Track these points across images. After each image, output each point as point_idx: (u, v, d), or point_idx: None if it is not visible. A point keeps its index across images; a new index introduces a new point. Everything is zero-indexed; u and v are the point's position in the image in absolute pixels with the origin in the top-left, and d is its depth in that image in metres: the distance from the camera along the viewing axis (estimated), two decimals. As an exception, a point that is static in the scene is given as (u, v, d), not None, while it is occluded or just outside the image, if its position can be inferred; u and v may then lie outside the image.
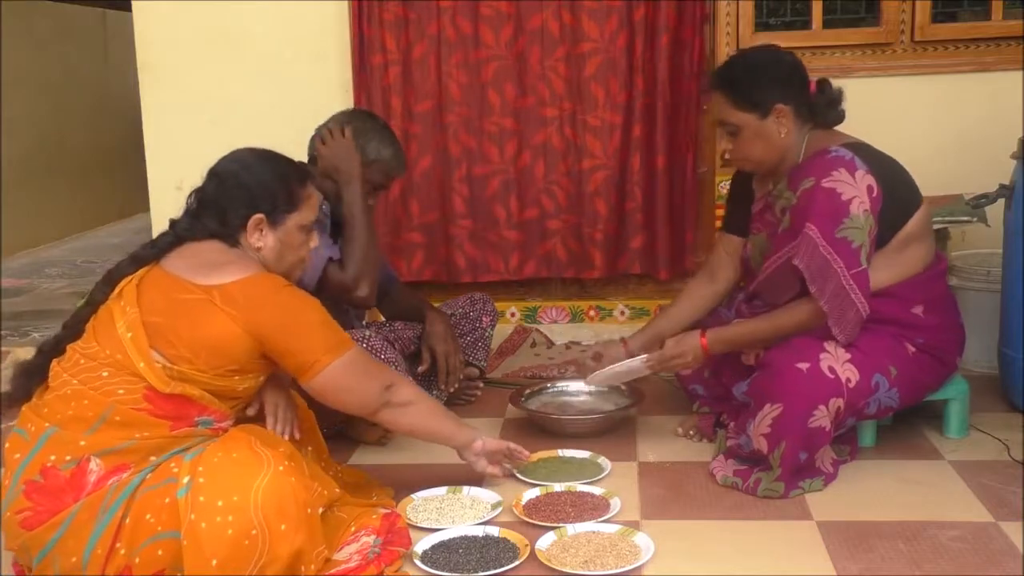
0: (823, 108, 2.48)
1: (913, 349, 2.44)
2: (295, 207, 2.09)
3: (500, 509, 2.30)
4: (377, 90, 3.67)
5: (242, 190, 2.05)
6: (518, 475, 2.49)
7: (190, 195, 2.10)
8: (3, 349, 3.76)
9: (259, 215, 2.05)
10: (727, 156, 2.54)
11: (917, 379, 2.46)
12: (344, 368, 2.03)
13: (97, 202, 7.47)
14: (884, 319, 2.42)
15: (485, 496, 2.37)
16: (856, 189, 2.30)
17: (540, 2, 3.58)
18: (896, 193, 2.39)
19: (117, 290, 1.99)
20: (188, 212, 2.09)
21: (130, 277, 2.00)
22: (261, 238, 2.06)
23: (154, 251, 2.04)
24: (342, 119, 2.80)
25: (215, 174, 2.09)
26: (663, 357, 2.54)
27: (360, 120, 2.81)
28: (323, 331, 2.02)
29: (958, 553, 2.06)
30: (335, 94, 3.22)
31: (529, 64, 3.63)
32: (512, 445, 2.41)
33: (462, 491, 2.39)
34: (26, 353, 2.19)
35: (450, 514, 2.28)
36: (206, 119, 3.79)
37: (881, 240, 2.39)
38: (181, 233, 2.05)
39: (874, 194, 2.32)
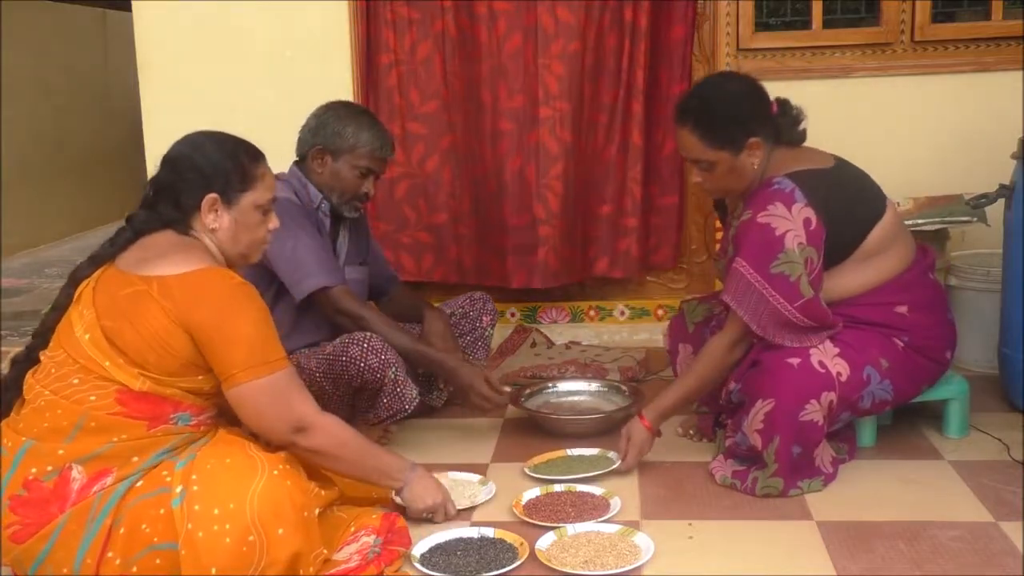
0: (787, 129, 2.47)
1: (901, 345, 2.45)
2: (249, 185, 2.04)
3: (493, 492, 2.41)
4: (382, 90, 3.67)
5: (195, 171, 2.01)
6: (529, 472, 2.50)
7: (146, 186, 2.06)
8: (3, 349, 3.76)
9: (213, 194, 2.00)
10: (702, 186, 2.54)
11: (909, 372, 2.47)
12: (256, 391, 1.90)
13: (97, 202, 7.48)
14: (868, 322, 2.43)
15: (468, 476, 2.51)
16: (791, 223, 2.31)
17: (538, 1, 3.57)
18: (849, 214, 2.40)
19: (76, 293, 1.96)
20: (144, 204, 2.05)
21: (87, 280, 1.97)
22: (216, 219, 2.01)
23: (112, 249, 2.00)
24: (319, 112, 2.83)
25: (167, 160, 2.06)
26: (629, 464, 2.51)
27: (336, 108, 2.84)
28: (250, 345, 1.90)
29: (958, 553, 2.06)
30: (336, 94, 3.21)
31: (525, 63, 3.61)
32: (448, 505, 2.28)
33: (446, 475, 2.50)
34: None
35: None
36: (206, 119, 3.77)
37: (839, 256, 2.40)
38: (138, 227, 2.01)
39: (812, 227, 2.32)
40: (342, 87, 3.65)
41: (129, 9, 3.83)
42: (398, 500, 2.25)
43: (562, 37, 3.55)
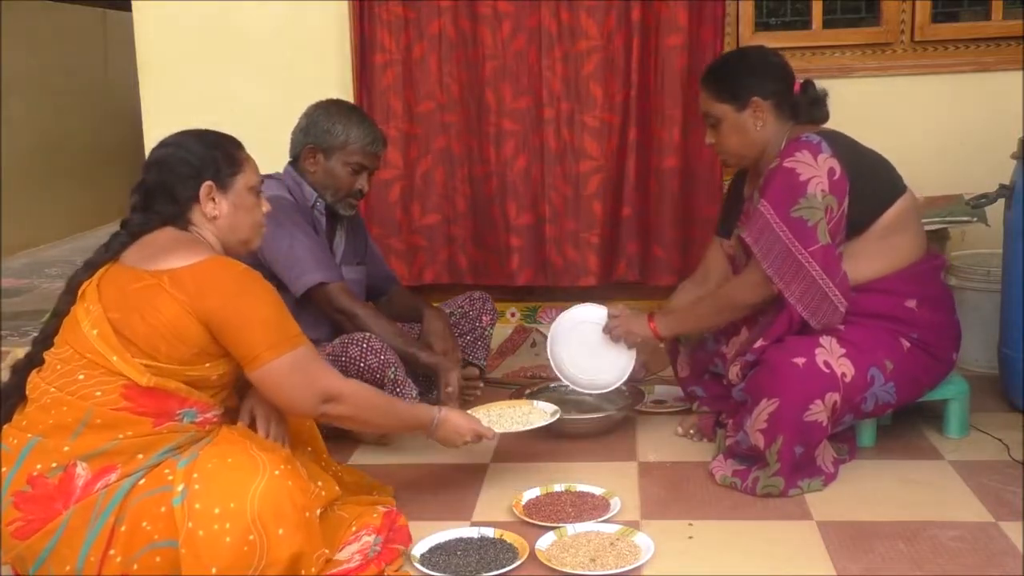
0: (806, 106, 2.53)
1: (908, 344, 2.45)
2: (239, 168, 2.08)
3: (559, 415, 2.53)
4: (378, 90, 3.66)
5: (184, 165, 2.04)
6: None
7: (132, 192, 2.08)
8: (3, 349, 3.76)
9: (208, 182, 2.03)
10: (713, 148, 2.62)
11: (913, 374, 2.47)
12: (284, 368, 1.94)
13: (97, 202, 7.47)
14: (877, 314, 2.43)
15: (542, 406, 2.59)
16: (816, 170, 2.35)
17: (538, 1, 3.57)
18: (872, 181, 2.43)
19: (79, 293, 1.97)
20: (136, 208, 2.06)
21: (88, 280, 1.98)
22: (215, 206, 2.04)
23: (108, 254, 2.01)
24: (309, 111, 2.85)
25: (152, 163, 2.08)
26: (616, 324, 2.68)
27: (325, 107, 2.85)
28: (269, 325, 1.94)
29: (958, 553, 2.06)
30: (335, 94, 3.22)
31: (528, 64, 3.61)
32: (479, 429, 2.32)
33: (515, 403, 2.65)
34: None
35: (507, 421, 2.50)
36: (206, 119, 3.77)
37: (858, 226, 2.41)
38: (135, 230, 2.02)
39: (835, 176, 2.36)
40: (341, 87, 3.65)
41: (129, 9, 3.83)
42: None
43: (567, 38, 3.55)
